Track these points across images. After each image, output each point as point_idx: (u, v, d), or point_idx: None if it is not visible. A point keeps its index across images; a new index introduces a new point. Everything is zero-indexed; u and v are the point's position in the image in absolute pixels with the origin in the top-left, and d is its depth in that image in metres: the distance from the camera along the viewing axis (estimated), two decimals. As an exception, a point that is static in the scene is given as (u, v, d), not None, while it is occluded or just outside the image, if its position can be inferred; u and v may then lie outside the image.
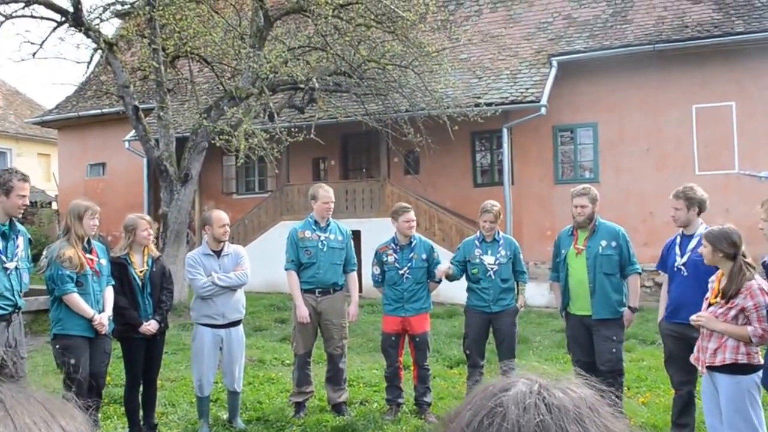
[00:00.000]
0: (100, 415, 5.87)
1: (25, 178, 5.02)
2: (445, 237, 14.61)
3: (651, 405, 6.46)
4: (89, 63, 12.56)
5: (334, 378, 6.51)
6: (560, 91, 14.74)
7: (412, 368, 6.65)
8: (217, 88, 14.22)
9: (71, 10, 10.85)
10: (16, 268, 4.97)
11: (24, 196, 4.97)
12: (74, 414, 0.83)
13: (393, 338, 6.50)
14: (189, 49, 12.16)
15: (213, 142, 10.90)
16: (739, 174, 13.92)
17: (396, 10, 10.99)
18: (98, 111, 19.05)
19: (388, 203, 15.44)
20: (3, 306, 4.79)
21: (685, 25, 14.37)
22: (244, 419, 6.25)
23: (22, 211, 5.03)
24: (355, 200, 15.89)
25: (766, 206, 4.39)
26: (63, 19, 11.19)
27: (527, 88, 14.38)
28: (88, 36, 11.22)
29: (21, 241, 5.10)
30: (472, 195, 16.25)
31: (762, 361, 4.36)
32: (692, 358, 4.62)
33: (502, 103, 14.03)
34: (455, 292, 6.76)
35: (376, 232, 12.75)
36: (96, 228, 5.53)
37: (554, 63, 14.71)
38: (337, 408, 6.40)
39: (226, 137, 10.43)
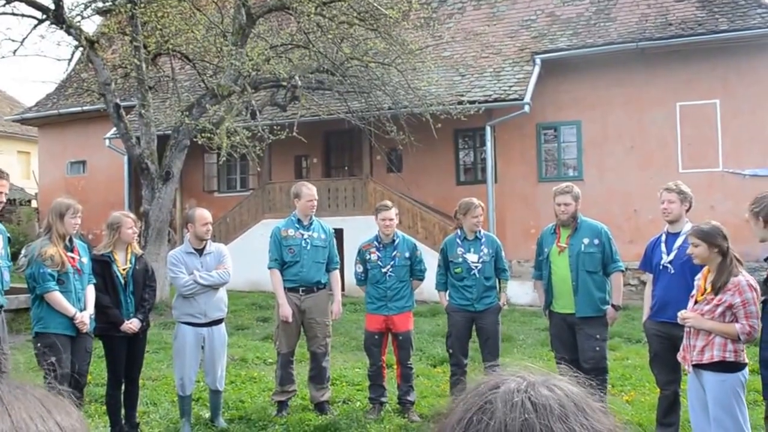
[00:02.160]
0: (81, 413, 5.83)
1: (2, 175, 4.99)
2: (428, 235, 14.66)
3: (636, 403, 6.53)
4: (70, 60, 12.46)
5: (317, 377, 6.52)
6: (544, 88, 14.83)
7: (395, 367, 6.68)
8: (199, 85, 14.17)
9: (52, 7, 10.78)
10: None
11: (1, 192, 4.94)
12: (70, 410, 0.84)
13: (376, 337, 6.52)
14: (171, 46, 12.11)
15: (195, 139, 10.86)
16: (724, 172, 14.08)
17: (379, 7, 11.01)
18: (79, 108, 18.92)
19: (371, 201, 15.47)
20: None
21: (669, 22, 14.51)
22: (226, 418, 6.26)
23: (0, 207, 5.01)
24: (337, 198, 15.90)
25: (751, 208, 4.41)
26: (44, 16, 11.11)
27: (510, 86, 14.45)
28: (69, 33, 11.15)
29: (0, 239, 5.08)
30: (455, 193, 16.28)
31: (747, 360, 4.42)
32: (679, 357, 4.66)
33: (486, 101, 14.09)
34: (439, 290, 6.82)
35: (359, 230, 12.77)
36: (77, 227, 5.51)
37: (538, 61, 14.79)
38: (320, 407, 6.42)
39: (208, 135, 10.40)
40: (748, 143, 14.02)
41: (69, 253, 5.39)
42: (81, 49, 11.44)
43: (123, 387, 5.86)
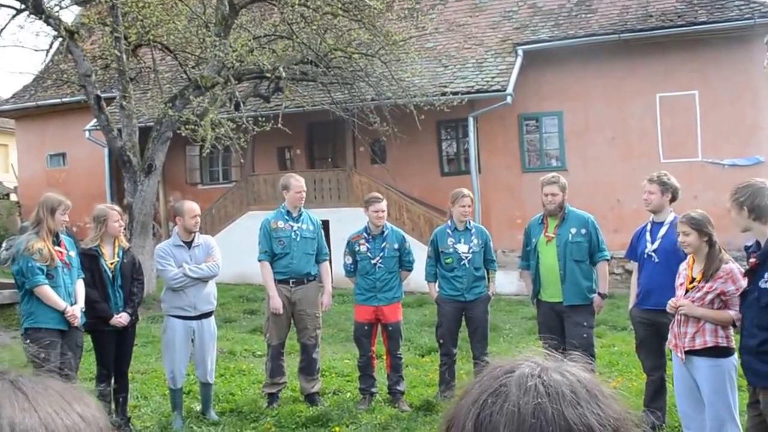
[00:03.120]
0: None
1: None
2: (414, 227, 14.69)
3: (623, 389, 6.62)
4: (48, 51, 12.31)
5: (308, 368, 6.55)
6: (525, 79, 14.89)
7: (384, 357, 6.72)
8: (181, 77, 14.07)
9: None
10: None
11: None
12: (88, 401, 0.86)
13: (366, 327, 6.56)
14: (152, 37, 12.01)
15: (179, 132, 10.80)
16: (703, 162, 14.26)
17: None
18: (58, 100, 18.67)
19: (357, 193, 15.49)
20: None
21: (650, 14, 14.62)
22: (217, 411, 6.28)
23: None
24: (323, 190, 15.88)
25: (731, 195, 4.47)
26: (23, 6, 10.97)
27: (493, 77, 14.50)
28: (48, 24, 11.01)
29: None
30: (440, 184, 16.37)
31: (734, 345, 4.50)
32: (669, 344, 4.73)
33: (468, 92, 14.13)
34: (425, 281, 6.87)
35: (345, 221, 12.78)
36: (65, 223, 5.50)
37: (520, 52, 14.85)
38: (311, 398, 6.46)
39: (192, 127, 10.34)
40: (727, 133, 14.19)
41: (56, 248, 5.38)
42: (60, 39, 11.28)
43: (112, 381, 5.86)
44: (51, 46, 11.99)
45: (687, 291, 4.52)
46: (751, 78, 14.21)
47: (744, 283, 4.27)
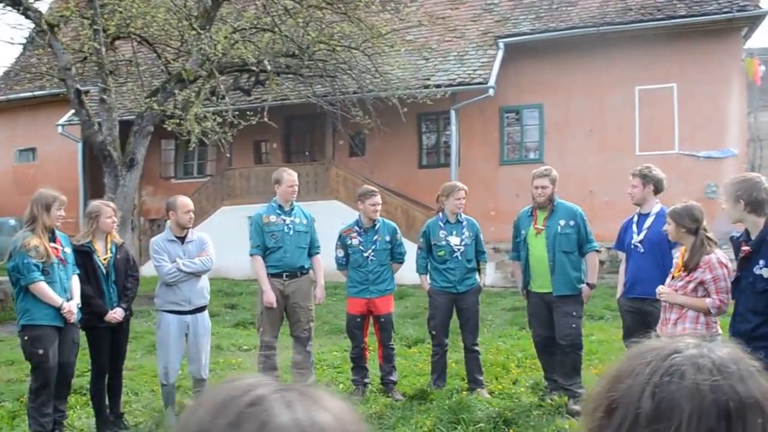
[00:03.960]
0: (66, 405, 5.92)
1: None
2: (391, 218, 14.77)
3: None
4: (28, 44, 12.26)
5: (301, 361, 6.69)
6: (506, 72, 15.15)
7: (377, 348, 6.92)
8: (160, 69, 14.08)
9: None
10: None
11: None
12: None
13: (358, 320, 6.74)
14: (132, 29, 12.02)
15: (165, 126, 10.84)
16: (679, 154, 14.65)
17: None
18: (29, 94, 18.48)
19: (333, 186, 15.67)
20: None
21: (629, 7, 14.97)
22: (211, 405, 6.40)
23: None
24: (299, 183, 15.94)
25: (726, 188, 4.71)
26: (-1, -2, 10.98)
27: (474, 70, 14.75)
28: (27, 16, 10.98)
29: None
30: (417, 176, 16.62)
31: (720, 331, 4.77)
32: (658, 330, 5.00)
33: (450, 85, 14.37)
34: (404, 272, 7.08)
35: (323, 215, 12.83)
36: (61, 219, 5.58)
37: (501, 45, 15.11)
38: (305, 391, 6.62)
39: (177, 121, 10.40)
40: (704, 126, 14.60)
41: (52, 244, 5.46)
42: (41, 32, 11.24)
43: (106, 377, 5.97)
44: (31, 40, 11.92)
45: (672, 278, 4.80)
46: (728, 71, 14.62)
47: (721, 272, 4.54)
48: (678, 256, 4.88)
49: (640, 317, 5.59)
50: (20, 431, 5.74)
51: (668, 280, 4.85)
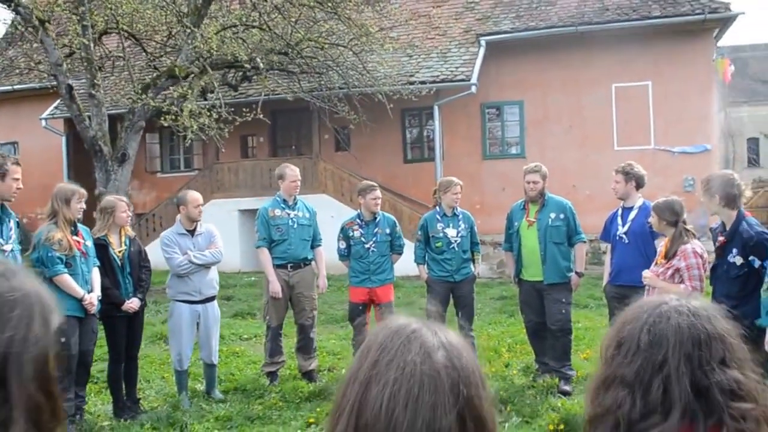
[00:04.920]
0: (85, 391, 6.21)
1: (17, 162, 5.34)
2: (379, 213, 15.26)
3: (593, 360, 7.37)
4: (13, 41, 12.39)
5: (305, 347, 7.09)
6: (488, 69, 15.59)
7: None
8: (148, 65, 14.29)
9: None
10: (12, 250, 5.28)
11: (18, 179, 5.29)
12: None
13: (360, 308, 7.12)
14: (121, 25, 12.22)
15: (162, 122, 11.09)
16: (655, 149, 15.23)
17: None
18: (9, 87, 18.53)
19: (322, 180, 16.00)
20: None
21: (606, 8, 15.49)
22: (221, 390, 6.75)
23: (16, 194, 5.34)
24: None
25: (703, 184, 5.17)
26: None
27: (457, 67, 15.17)
28: (18, 12, 11.15)
29: (12, 224, 5.41)
30: (402, 170, 17.03)
31: None
32: None
33: (434, 82, 14.79)
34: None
35: (312, 209, 13.28)
36: (82, 211, 5.87)
37: (482, 42, 15.55)
38: (309, 375, 6.99)
39: (173, 116, 10.66)
40: (678, 122, 15.19)
41: (74, 237, 5.76)
42: (32, 28, 11.39)
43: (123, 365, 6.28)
44: (11, 34, 12.05)
45: (655, 265, 5.27)
46: (700, 70, 15.23)
47: (694, 261, 4.99)
48: (662, 245, 5.33)
49: (624, 304, 6.02)
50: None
51: (652, 266, 5.31)
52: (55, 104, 17.57)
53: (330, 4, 12.10)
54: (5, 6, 11.28)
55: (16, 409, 1.04)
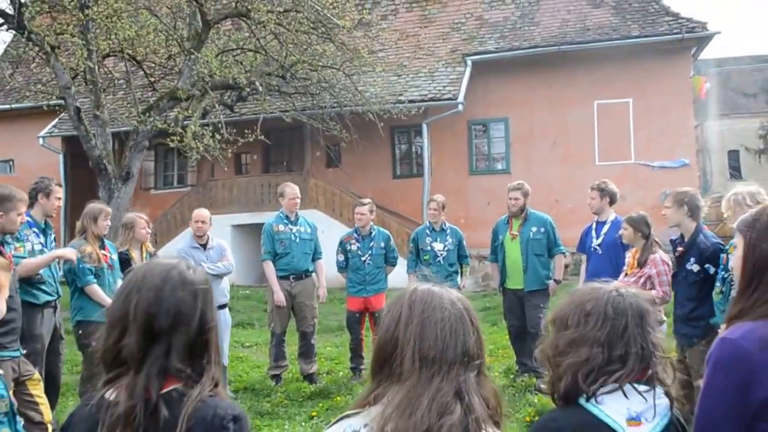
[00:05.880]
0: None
1: (59, 184, 6.17)
2: (370, 227, 16.08)
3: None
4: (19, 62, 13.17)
5: (306, 353, 7.87)
6: (474, 87, 16.50)
7: (372, 340, 8.11)
8: (149, 86, 15.09)
9: (12, 13, 11.57)
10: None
11: (59, 198, 6.10)
12: None
13: (357, 315, 7.94)
14: (124, 47, 13.02)
15: (169, 142, 11.86)
16: (636, 164, 16.17)
17: (332, 18, 12.34)
18: (7, 106, 19.21)
19: (312, 196, 16.78)
20: (50, 292, 5.88)
21: (587, 28, 16.47)
22: (231, 389, 7.52)
23: (56, 211, 6.17)
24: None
25: (668, 198, 6.02)
26: (2, 21, 11.91)
27: (444, 86, 16.08)
28: (30, 39, 11.93)
29: (52, 237, 6.22)
30: (392, 186, 17.88)
31: (665, 318, 6.03)
32: None
33: (422, 101, 15.70)
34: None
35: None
36: (108, 227, 6.65)
37: (468, 62, 16.48)
38: (310, 378, 7.77)
39: (178, 138, 11.45)
40: (658, 138, 16.15)
41: (101, 251, 6.54)
42: (44, 54, 12.16)
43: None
44: (34, 59, 12.84)
45: (626, 275, 6.09)
46: (679, 87, 16.21)
47: (663, 268, 5.81)
48: (629, 256, 6.18)
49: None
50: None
51: (621, 276, 6.14)
52: (53, 123, 18.31)
53: (323, 29, 12.96)
54: (19, 33, 12.06)
55: (213, 357, 1.89)
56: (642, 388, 2.00)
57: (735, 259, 2.35)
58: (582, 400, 2.01)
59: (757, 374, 1.95)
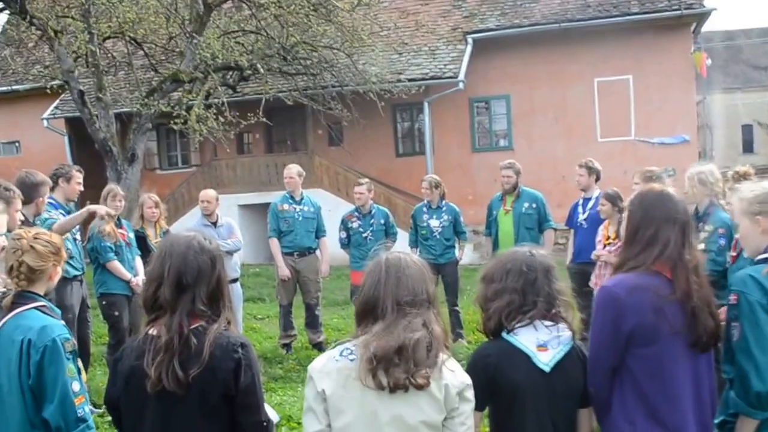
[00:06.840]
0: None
1: (80, 170, 6.83)
2: (375, 206, 16.75)
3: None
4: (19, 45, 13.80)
5: (312, 323, 8.61)
6: (475, 65, 17.06)
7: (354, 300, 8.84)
8: (150, 68, 15.71)
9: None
10: (77, 239, 6.79)
11: (80, 183, 6.77)
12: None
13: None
14: (125, 30, 13.62)
15: (172, 125, 12.52)
16: (635, 140, 16.78)
17: (332, 0, 12.96)
18: (7, 88, 19.79)
19: (318, 174, 17.44)
20: (77, 267, 6.59)
21: (588, 4, 17.01)
22: (244, 358, 8.25)
23: (78, 195, 6.84)
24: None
25: (639, 175, 6.68)
26: (3, 6, 12.56)
27: (445, 64, 16.66)
28: (33, 24, 12.55)
29: (73, 219, 6.90)
30: (395, 164, 18.52)
31: None
32: (591, 283, 6.94)
33: (423, 79, 16.30)
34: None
35: (309, 203, 14.75)
36: (120, 207, 7.33)
37: (470, 40, 17.05)
38: (318, 347, 8.47)
39: (183, 120, 12.11)
40: (657, 115, 16.74)
41: (119, 230, 7.24)
42: (47, 38, 12.78)
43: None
44: (36, 44, 13.46)
45: (605, 245, 6.77)
46: (679, 64, 16.73)
47: None
48: (602, 228, 6.85)
49: (583, 276, 7.55)
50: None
51: (599, 246, 6.83)
52: (54, 104, 18.92)
53: (324, 11, 13.55)
54: (21, 18, 12.68)
55: (226, 303, 2.59)
56: (548, 323, 2.79)
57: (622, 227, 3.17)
58: (504, 334, 2.80)
59: (625, 312, 2.74)
